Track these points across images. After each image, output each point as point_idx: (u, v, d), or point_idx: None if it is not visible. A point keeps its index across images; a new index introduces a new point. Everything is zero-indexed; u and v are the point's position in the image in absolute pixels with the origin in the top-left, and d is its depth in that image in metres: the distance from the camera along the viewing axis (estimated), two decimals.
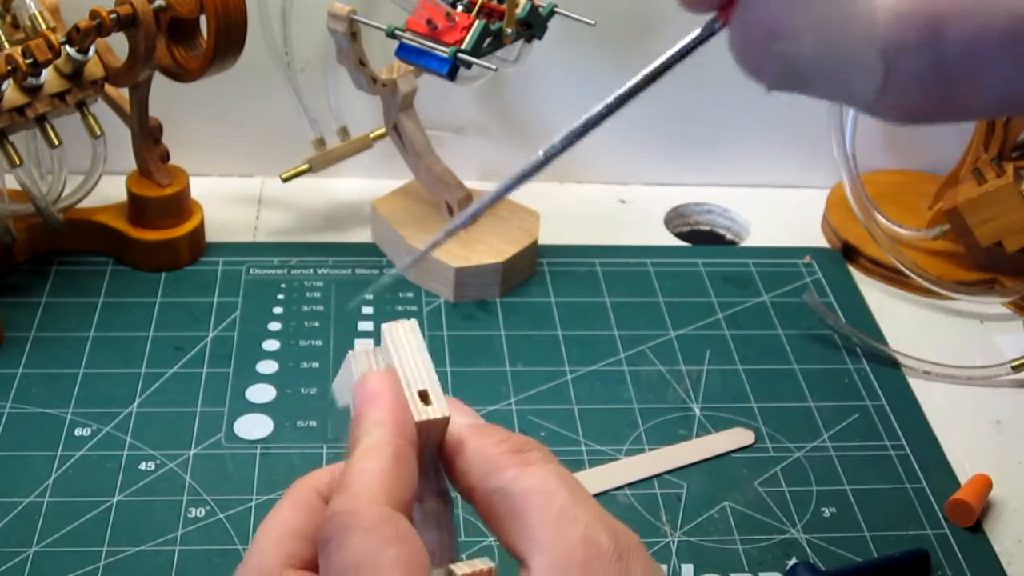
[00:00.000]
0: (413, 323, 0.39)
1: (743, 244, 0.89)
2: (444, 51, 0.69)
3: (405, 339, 0.39)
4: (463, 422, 0.37)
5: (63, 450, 0.65)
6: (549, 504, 0.34)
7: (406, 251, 0.79)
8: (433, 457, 0.38)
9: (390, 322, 0.39)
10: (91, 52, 0.71)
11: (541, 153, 0.36)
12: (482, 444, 0.36)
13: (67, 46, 0.69)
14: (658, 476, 0.66)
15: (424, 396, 0.37)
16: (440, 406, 0.37)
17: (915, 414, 0.72)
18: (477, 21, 0.70)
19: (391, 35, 0.71)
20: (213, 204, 0.83)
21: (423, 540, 0.33)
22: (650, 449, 0.68)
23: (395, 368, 0.38)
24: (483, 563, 0.36)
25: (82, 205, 0.79)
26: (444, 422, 0.37)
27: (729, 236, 0.92)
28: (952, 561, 0.62)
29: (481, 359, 0.73)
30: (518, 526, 0.34)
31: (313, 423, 0.68)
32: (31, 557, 0.58)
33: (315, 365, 0.72)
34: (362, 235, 0.85)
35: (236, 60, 0.73)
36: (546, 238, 0.82)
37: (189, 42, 0.74)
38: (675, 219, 0.91)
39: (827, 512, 0.64)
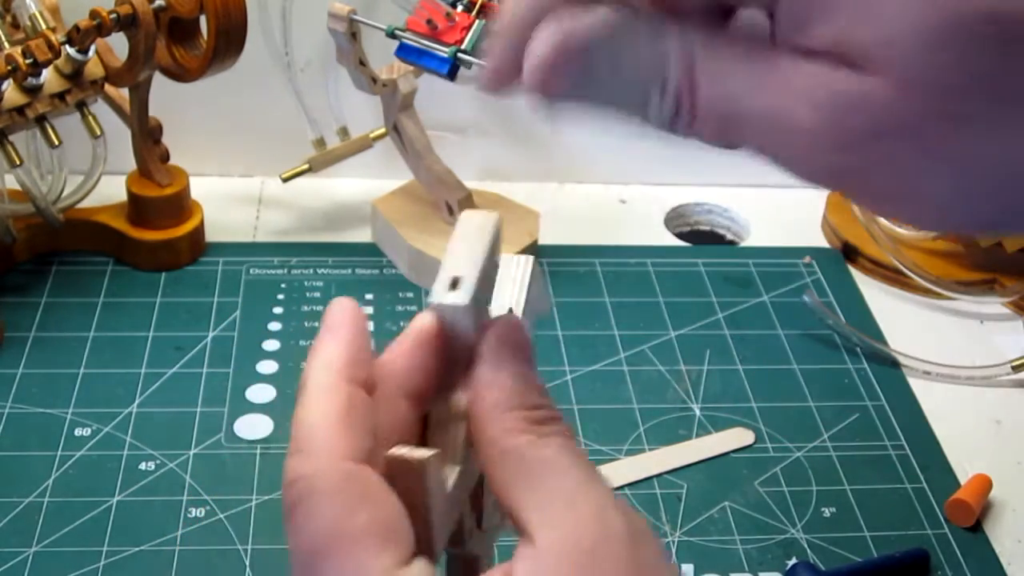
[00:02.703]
0: (495, 216, 0.35)
1: (743, 244, 0.89)
2: (444, 51, 0.69)
3: (477, 230, 0.35)
4: (509, 372, 0.34)
5: (63, 450, 0.65)
6: (564, 477, 0.31)
7: (406, 251, 0.79)
8: (467, 352, 0.34)
9: (468, 210, 0.35)
10: (91, 52, 0.71)
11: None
12: (509, 401, 0.33)
13: (67, 46, 0.69)
14: (658, 476, 0.66)
15: (455, 284, 0.33)
16: (462, 294, 0.33)
17: (915, 414, 0.72)
18: (477, 21, 0.70)
19: (391, 35, 0.71)
20: (213, 204, 0.83)
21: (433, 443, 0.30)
22: (650, 449, 0.68)
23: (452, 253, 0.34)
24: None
25: (82, 205, 0.79)
26: (464, 311, 0.33)
27: (729, 236, 0.91)
28: (952, 561, 0.62)
29: None
30: (528, 494, 0.31)
31: None
32: (31, 557, 0.58)
33: None
34: (362, 235, 0.85)
35: (236, 60, 0.73)
36: (546, 238, 0.82)
37: (189, 42, 0.74)
38: (675, 219, 0.91)
39: (827, 512, 0.64)
